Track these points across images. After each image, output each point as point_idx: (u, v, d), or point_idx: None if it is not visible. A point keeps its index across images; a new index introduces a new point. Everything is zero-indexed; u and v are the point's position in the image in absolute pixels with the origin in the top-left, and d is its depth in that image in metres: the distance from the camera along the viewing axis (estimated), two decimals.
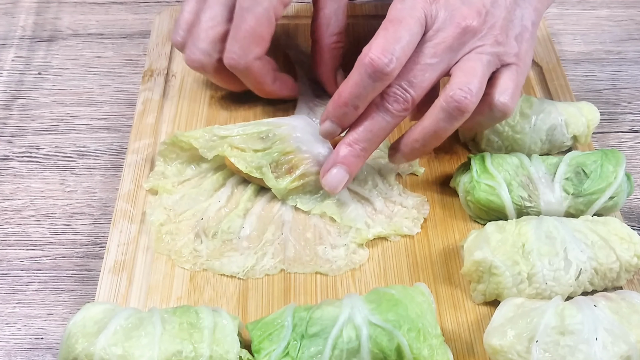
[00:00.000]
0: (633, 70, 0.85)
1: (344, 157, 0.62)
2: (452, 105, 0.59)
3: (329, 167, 0.63)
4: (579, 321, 0.52)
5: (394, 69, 0.58)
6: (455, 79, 0.60)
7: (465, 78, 0.60)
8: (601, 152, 0.65)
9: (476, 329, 0.59)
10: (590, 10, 0.93)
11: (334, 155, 0.63)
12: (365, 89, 0.59)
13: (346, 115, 0.61)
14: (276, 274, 0.62)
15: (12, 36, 0.88)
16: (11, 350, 0.60)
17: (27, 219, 0.69)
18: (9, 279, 0.65)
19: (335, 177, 0.63)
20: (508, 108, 0.61)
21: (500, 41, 0.61)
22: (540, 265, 0.57)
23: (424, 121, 0.62)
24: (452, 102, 0.59)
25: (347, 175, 0.63)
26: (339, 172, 0.62)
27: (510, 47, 0.62)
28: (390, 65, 0.57)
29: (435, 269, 0.63)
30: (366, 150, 0.62)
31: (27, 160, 0.74)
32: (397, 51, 0.58)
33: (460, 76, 0.60)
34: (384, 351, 0.52)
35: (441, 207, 0.68)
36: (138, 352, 0.51)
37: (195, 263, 0.63)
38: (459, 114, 0.60)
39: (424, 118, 0.62)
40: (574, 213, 0.64)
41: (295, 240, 0.64)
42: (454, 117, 0.60)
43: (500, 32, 0.61)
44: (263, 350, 0.53)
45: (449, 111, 0.60)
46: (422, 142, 0.62)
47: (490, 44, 0.61)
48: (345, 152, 0.62)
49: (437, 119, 0.61)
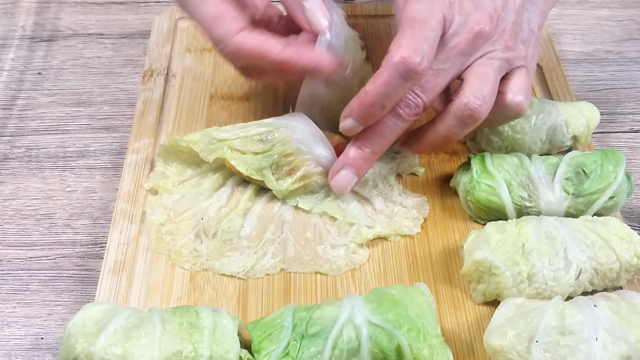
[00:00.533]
0: (633, 70, 0.85)
1: (353, 159, 0.63)
2: (466, 113, 0.60)
3: (338, 168, 0.63)
4: (579, 321, 0.52)
5: (425, 67, 0.57)
6: (467, 85, 0.60)
7: (479, 84, 0.60)
8: (601, 152, 0.65)
9: (476, 329, 0.59)
10: (590, 10, 0.93)
11: (343, 157, 0.63)
12: (395, 88, 0.58)
13: (372, 115, 0.60)
14: (276, 274, 0.62)
15: (12, 36, 0.88)
16: (11, 350, 0.60)
17: (27, 219, 0.69)
18: (9, 279, 0.65)
19: (344, 179, 0.63)
20: (522, 107, 0.62)
21: (510, 46, 0.62)
22: (540, 265, 0.57)
23: (436, 125, 0.62)
24: (466, 110, 0.60)
25: (356, 177, 0.63)
26: (348, 174, 0.63)
27: (519, 52, 0.62)
28: (422, 65, 0.57)
29: (435, 269, 0.63)
30: (375, 153, 0.63)
31: (27, 160, 0.74)
32: (427, 50, 0.57)
33: (473, 82, 0.60)
34: (384, 351, 0.52)
35: (441, 207, 0.68)
36: (138, 352, 0.51)
37: (195, 263, 0.63)
38: (472, 121, 0.60)
39: (436, 122, 0.62)
40: (574, 213, 0.64)
41: (295, 239, 0.64)
42: (467, 124, 0.61)
43: (510, 37, 0.62)
44: (263, 350, 0.53)
45: (462, 119, 0.60)
46: (431, 145, 0.64)
47: (501, 49, 0.61)
48: (355, 154, 0.62)
49: (450, 125, 0.61)
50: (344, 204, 0.66)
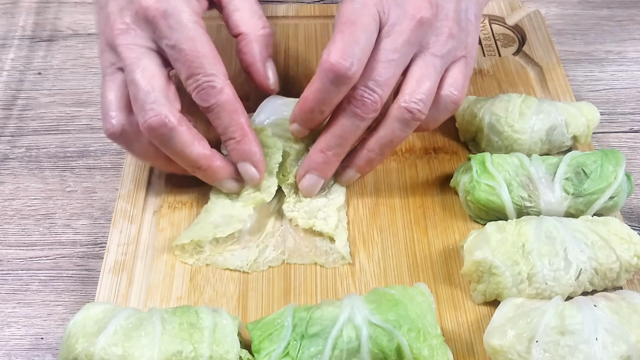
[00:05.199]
0: (633, 70, 0.85)
1: (316, 163, 0.63)
2: (407, 115, 0.60)
3: (303, 172, 0.64)
4: (579, 321, 0.52)
5: (356, 71, 0.57)
6: (407, 86, 0.60)
7: (418, 85, 0.60)
8: (601, 152, 0.65)
9: (476, 329, 0.59)
10: (590, 10, 0.93)
11: (307, 161, 0.64)
12: (329, 94, 0.59)
13: (313, 120, 0.62)
14: (276, 274, 0.62)
15: (12, 36, 0.88)
16: (11, 350, 0.60)
17: (27, 219, 0.69)
18: (9, 279, 0.65)
19: (309, 182, 0.64)
20: (458, 99, 0.62)
21: (454, 33, 0.61)
22: (540, 265, 0.57)
23: (379, 131, 0.62)
24: (406, 112, 0.60)
25: (321, 180, 0.64)
26: (312, 178, 0.64)
27: (460, 40, 0.62)
28: (352, 69, 0.57)
29: (435, 269, 0.63)
30: (338, 155, 0.63)
31: (27, 160, 0.74)
32: (357, 53, 0.57)
33: (412, 83, 0.60)
34: (384, 351, 0.52)
35: (441, 207, 0.68)
36: (138, 352, 0.51)
37: (198, 258, 0.63)
38: (414, 122, 0.61)
39: (379, 128, 0.62)
40: (574, 213, 0.64)
41: (294, 231, 0.65)
42: (410, 126, 0.61)
43: (453, 23, 0.61)
44: (263, 350, 0.53)
45: (404, 121, 0.61)
46: (378, 152, 0.63)
47: (444, 38, 0.61)
48: (318, 159, 0.63)
49: (393, 128, 0.61)
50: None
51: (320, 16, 0.86)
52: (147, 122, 0.58)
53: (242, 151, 0.62)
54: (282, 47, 0.82)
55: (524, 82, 0.79)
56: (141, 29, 0.60)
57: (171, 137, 0.59)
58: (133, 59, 0.59)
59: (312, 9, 0.87)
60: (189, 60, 0.59)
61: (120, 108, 0.61)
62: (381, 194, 0.69)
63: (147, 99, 0.58)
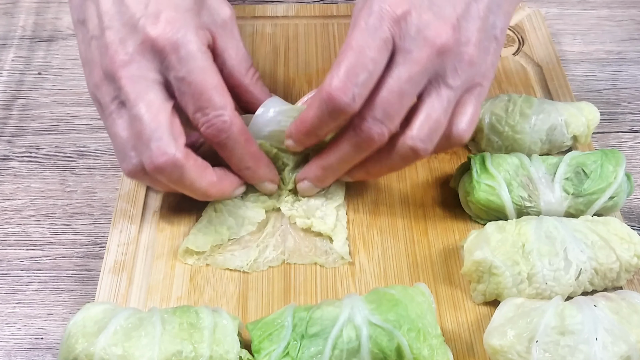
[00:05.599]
0: (633, 70, 0.85)
1: (315, 176, 0.64)
2: (411, 154, 0.58)
3: (301, 177, 0.65)
4: (579, 321, 0.52)
5: (356, 106, 0.55)
6: (416, 121, 0.57)
7: (426, 120, 0.57)
8: (601, 152, 0.65)
9: (476, 329, 0.59)
10: (590, 10, 0.93)
11: (306, 169, 0.64)
12: (326, 122, 0.57)
13: (309, 141, 0.61)
14: (276, 274, 0.62)
15: (12, 36, 0.88)
16: (11, 350, 0.60)
17: (27, 219, 0.69)
18: (9, 279, 0.65)
19: (307, 186, 0.65)
20: (465, 137, 0.60)
21: (474, 61, 0.57)
22: (540, 265, 0.57)
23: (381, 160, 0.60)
24: (411, 151, 0.58)
25: (317, 188, 0.65)
26: (310, 185, 0.65)
27: (479, 65, 0.58)
28: (352, 105, 0.54)
29: (435, 269, 0.63)
30: (336, 175, 0.63)
31: (27, 160, 0.74)
32: (360, 85, 0.54)
33: (421, 118, 0.57)
34: (384, 351, 0.52)
35: (441, 207, 0.68)
36: (138, 352, 0.51)
37: (198, 258, 0.63)
38: (417, 159, 0.59)
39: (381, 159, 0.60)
40: (574, 213, 0.64)
41: (294, 231, 0.65)
42: (412, 161, 0.60)
43: (474, 49, 0.56)
44: (263, 350, 0.53)
45: (408, 158, 0.59)
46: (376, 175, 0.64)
47: (462, 68, 0.56)
48: (317, 173, 0.63)
49: (394, 161, 0.59)
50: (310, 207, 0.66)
51: (320, 16, 0.86)
52: (155, 163, 0.56)
53: (258, 176, 0.64)
54: (282, 47, 0.82)
55: (524, 82, 0.79)
56: (146, 60, 0.57)
57: (180, 174, 0.58)
58: (137, 93, 0.56)
59: (312, 9, 0.87)
60: (197, 93, 0.57)
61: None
62: (381, 194, 0.69)
63: (152, 136, 0.56)
